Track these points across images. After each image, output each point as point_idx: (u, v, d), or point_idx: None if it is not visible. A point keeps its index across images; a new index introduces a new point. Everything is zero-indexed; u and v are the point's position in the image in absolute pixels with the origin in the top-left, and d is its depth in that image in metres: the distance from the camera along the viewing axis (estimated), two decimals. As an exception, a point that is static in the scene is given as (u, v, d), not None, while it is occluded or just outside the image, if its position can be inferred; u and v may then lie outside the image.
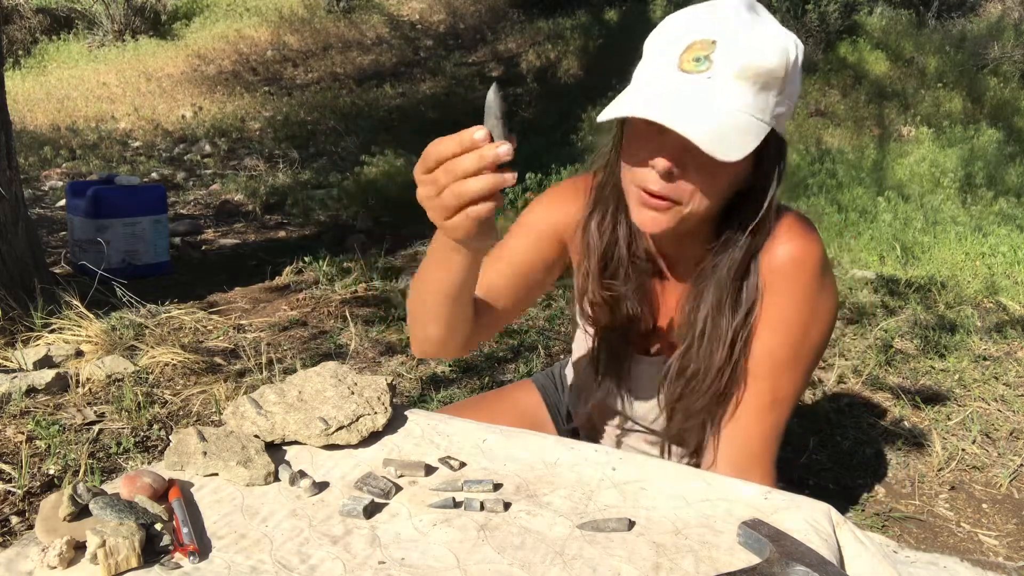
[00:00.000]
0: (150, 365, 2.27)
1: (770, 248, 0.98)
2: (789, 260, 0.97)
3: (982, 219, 4.91)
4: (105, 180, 3.70)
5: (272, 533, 0.73)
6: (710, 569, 0.70)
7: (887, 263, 3.99)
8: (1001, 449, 2.06)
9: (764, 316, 0.99)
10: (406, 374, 2.35)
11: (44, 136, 6.74)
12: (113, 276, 2.90)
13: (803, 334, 1.00)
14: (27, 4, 9.89)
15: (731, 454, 1.02)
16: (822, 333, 1.02)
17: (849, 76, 7.54)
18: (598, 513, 0.79)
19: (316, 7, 10.17)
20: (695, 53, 0.86)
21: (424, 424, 0.97)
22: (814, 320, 1.00)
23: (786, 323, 0.99)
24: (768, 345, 1.00)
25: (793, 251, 0.98)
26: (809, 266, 0.98)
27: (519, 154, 0.72)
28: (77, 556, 0.67)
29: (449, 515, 0.77)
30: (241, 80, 8.52)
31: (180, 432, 0.87)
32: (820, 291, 0.99)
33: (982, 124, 6.82)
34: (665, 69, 0.88)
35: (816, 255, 0.99)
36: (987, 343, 2.85)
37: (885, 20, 8.47)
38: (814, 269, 0.98)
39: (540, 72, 8.41)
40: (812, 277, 0.98)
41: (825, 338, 1.03)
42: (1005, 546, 1.64)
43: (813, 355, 1.03)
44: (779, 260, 0.98)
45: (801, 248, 0.98)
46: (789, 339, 1.00)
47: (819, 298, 0.99)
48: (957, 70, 7.63)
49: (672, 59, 0.88)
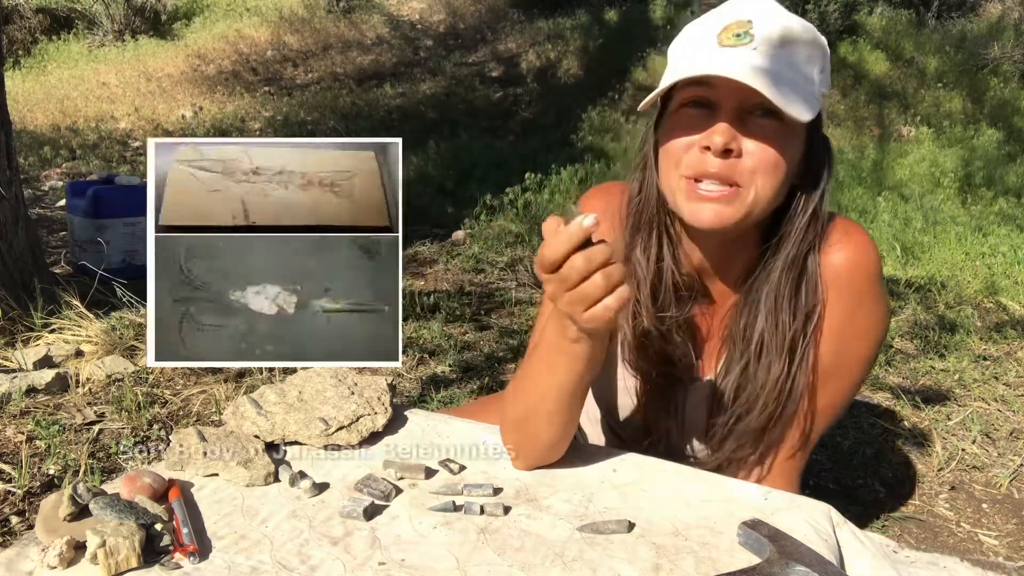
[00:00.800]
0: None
1: (826, 253, 0.93)
2: (846, 267, 0.92)
3: (982, 219, 4.91)
4: (105, 180, 3.71)
5: (272, 534, 0.73)
6: (710, 570, 0.70)
7: (887, 263, 3.99)
8: (1001, 449, 2.06)
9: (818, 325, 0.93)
10: (406, 374, 2.35)
11: (44, 136, 6.73)
12: (113, 276, 2.89)
13: (854, 344, 0.94)
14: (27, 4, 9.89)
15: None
16: (873, 344, 0.96)
17: (849, 76, 7.54)
18: (598, 515, 0.79)
19: (316, 7, 10.17)
20: (734, 31, 0.83)
21: (424, 424, 0.97)
22: (867, 330, 0.94)
23: (835, 332, 0.93)
24: (815, 353, 0.94)
25: (850, 257, 0.92)
26: (866, 273, 0.92)
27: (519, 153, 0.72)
28: (77, 556, 0.67)
29: (449, 518, 0.77)
30: (241, 80, 8.52)
31: (180, 432, 0.87)
32: (876, 300, 0.94)
33: (982, 124, 6.82)
34: (706, 48, 0.84)
35: (874, 262, 0.93)
36: (987, 343, 2.85)
37: (885, 20, 8.47)
38: (871, 277, 0.93)
39: (540, 72, 8.40)
40: (869, 285, 0.93)
41: (875, 350, 0.97)
42: (1005, 546, 1.64)
43: (861, 367, 0.97)
44: (836, 266, 0.92)
45: (859, 254, 0.92)
46: (836, 347, 0.94)
47: (874, 307, 0.94)
48: (957, 70, 7.63)
49: (711, 39, 0.84)
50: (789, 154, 0.84)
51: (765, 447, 0.97)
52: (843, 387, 0.96)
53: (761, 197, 0.84)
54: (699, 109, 0.84)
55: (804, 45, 0.84)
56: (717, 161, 0.82)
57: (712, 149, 0.81)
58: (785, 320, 0.91)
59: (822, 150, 0.90)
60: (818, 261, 0.92)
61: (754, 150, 0.82)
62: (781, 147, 0.83)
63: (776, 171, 0.83)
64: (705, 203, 0.84)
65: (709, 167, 0.82)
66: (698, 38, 0.86)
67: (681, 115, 0.86)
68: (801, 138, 0.86)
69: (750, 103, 0.82)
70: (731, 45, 0.82)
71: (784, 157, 0.83)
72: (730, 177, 0.82)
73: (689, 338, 1.00)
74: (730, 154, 0.82)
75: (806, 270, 0.91)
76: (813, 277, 0.92)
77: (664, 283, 0.97)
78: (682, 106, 0.86)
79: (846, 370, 0.95)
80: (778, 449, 0.97)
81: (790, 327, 0.91)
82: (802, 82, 0.83)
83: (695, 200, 0.85)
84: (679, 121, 0.86)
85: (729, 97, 0.82)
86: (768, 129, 0.82)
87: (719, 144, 0.81)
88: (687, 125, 0.85)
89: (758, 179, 0.83)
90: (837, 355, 0.94)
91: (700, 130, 0.83)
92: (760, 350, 0.93)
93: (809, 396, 0.95)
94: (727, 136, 0.81)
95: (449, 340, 2.59)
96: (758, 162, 0.82)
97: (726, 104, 0.82)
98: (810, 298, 0.92)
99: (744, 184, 0.83)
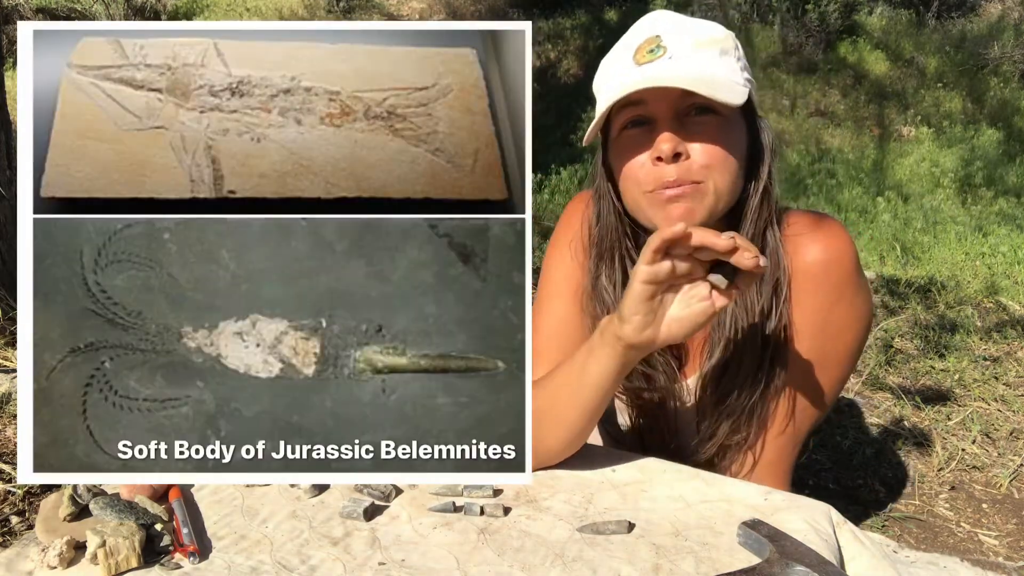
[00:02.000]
0: (150, 365, 2.27)
1: (799, 246, 0.93)
2: (821, 260, 0.92)
3: (982, 219, 4.91)
4: (105, 180, 3.71)
5: (272, 534, 0.73)
6: (710, 570, 0.70)
7: (887, 263, 3.99)
8: (1001, 449, 2.06)
9: (795, 321, 0.94)
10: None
11: (44, 136, 6.75)
12: (113, 276, 2.90)
13: (837, 338, 0.94)
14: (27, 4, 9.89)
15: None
16: (858, 336, 0.96)
17: (849, 76, 7.54)
18: (598, 516, 0.79)
19: (316, 7, 10.18)
20: (646, 48, 0.87)
21: (424, 425, 0.97)
22: (850, 323, 0.94)
23: (817, 327, 0.93)
24: (796, 350, 0.95)
25: (823, 251, 0.92)
26: (843, 266, 0.92)
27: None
28: (77, 556, 0.67)
29: (449, 518, 0.77)
30: (241, 80, 8.54)
31: (180, 433, 0.87)
32: (856, 291, 0.94)
33: (982, 124, 6.82)
34: (625, 70, 0.88)
35: (849, 253, 0.93)
36: (987, 343, 2.85)
37: (885, 20, 8.47)
38: (848, 269, 0.93)
39: (540, 72, 8.40)
40: (847, 277, 0.93)
41: (861, 341, 0.97)
42: (1005, 546, 1.64)
43: (847, 360, 0.97)
44: (810, 261, 0.92)
45: (833, 247, 0.92)
46: (820, 342, 0.94)
47: (855, 299, 0.93)
48: (957, 70, 7.63)
49: (628, 62, 0.88)
50: (734, 142, 0.87)
51: (757, 426, 0.98)
52: (830, 380, 0.97)
53: (721, 188, 0.87)
54: (638, 128, 0.88)
55: (714, 42, 0.87)
56: (671, 168, 0.85)
57: (663, 157, 0.85)
58: (752, 294, 0.93)
59: (761, 131, 0.93)
60: (776, 236, 0.94)
61: (701, 147, 0.85)
62: (724, 138, 0.86)
63: (727, 161, 0.86)
64: (672, 204, 0.86)
65: (666, 176, 0.85)
66: (616, 65, 0.90)
67: (623, 138, 0.90)
68: (741, 125, 0.90)
69: (682, 106, 0.86)
70: (648, 61, 0.86)
71: (730, 146, 0.87)
72: (688, 177, 0.85)
73: (670, 354, 1.01)
74: (680, 157, 0.85)
75: (767, 244, 0.93)
76: (774, 252, 0.93)
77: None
78: (622, 130, 0.90)
79: (832, 363, 0.96)
80: (769, 426, 0.98)
81: (758, 302, 0.93)
82: (723, 73, 0.87)
83: (662, 205, 0.87)
84: (624, 144, 0.90)
85: (662, 107, 0.86)
86: (708, 125, 0.86)
87: (667, 151, 0.84)
88: (632, 145, 0.88)
89: (714, 173, 0.86)
90: (821, 350, 0.95)
91: (646, 146, 0.87)
92: (734, 324, 0.95)
93: (799, 375, 0.96)
94: (672, 142, 0.84)
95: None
96: (708, 156, 0.85)
97: (661, 115, 0.86)
98: (773, 270, 0.93)
99: (702, 179, 0.86)
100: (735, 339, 0.95)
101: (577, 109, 7.10)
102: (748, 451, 0.99)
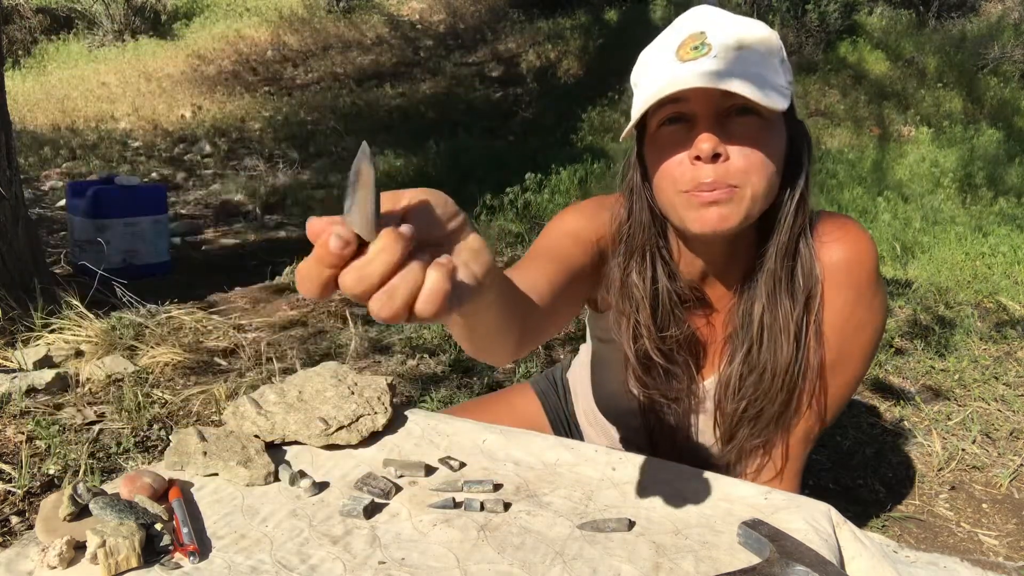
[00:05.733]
0: (150, 365, 2.27)
1: (824, 247, 0.94)
2: (844, 262, 0.93)
3: (982, 219, 4.91)
4: (105, 180, 3.71)
5: (272, 533, 0.73)
6: (710, 569, 0.70)
7: (887, 263, 3.99)
8: (1001, 449, 2.06)
9: (818, 322, 0.94)
10: (406, 374, 2.35)
11: (44, 136, 6.73)
12: (113, 276, 2.89)
13: (855, 337, 0.95)
14: (27, 4, 9.89)
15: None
16: (875, 335, 0.97)
17: (849, 76, 7.54)
18: (598, 513, 0.79)
19: (316, 7, 10.17)
20: (691, 44, 0.85)
21: (424, 424, 0.97)
22: (867, 322, 0.95)
23: (837, 327, 0.94)
24: (819, 351, 0.95)
25: (848, 252, 0.93)
26: (864, 268, 0.93)
27: (519, 153, 0.71)
28: (77, 556, 0.67)
29: (449, 515, 0.77)
30: (241, 80, 8.52)
31: (180, 432, 0.87)
32: (875, 293, 0.95)
33: (982, 124, 6.82)
34: (667, 67, 0.86)
35: (872, 256, 0.94)
36: (987, 343, 2.85)
37: (885, 20, 8.47)
38: (870, 271, 0.94)
39: (540, 72, 8.40)
40: (868, 278, 0.94)
41: (877, 340, 0.98)
42: (1005, 546, 1.64)
43: (864, 359, 0.97)
44: (834, 262, 0.93)
45: (856, 249, 0.93)
46: (838, 341, 0.95)
47: (873, 300, 0.95)
48: (957, 70, 7.63)
49: (670, 57, 0.86)
50: (773, 146, 0.86)
51: (779, 433, 0.98)
52: (847, 379, 0.98)
53: (758, 192, 0.85)
54: (677, 124, 0.86)
55: (759, 42, 0.86)
56: (709, 168, 0.83)
57: (702, 157, 0.82)
58: (786, 304, 0.92)
59: (800, 137, 0.92)
60: (810, 245, 0.93)
61: (741, 149, 0.83)
62: (765, 141, 0.84)
63: (766, 165, 0.85)
64: (707, 208, 0.84)
65: (704, 176, 0.83)
66: (658, 59, 0.88)
67: (662, 135, 0.88)
68: (781, 129, 0.88)
69: (724, 106, 0.84)
70: (692, 59, 0.84)
71: (770, 150, 0.85)
72: (725, 180, 0.83)
73: (691, 353, 1.00)
74: (719, 158, 0.83)
75: (799, 254, 0.93)
76: (808, 261, 0.93)
77: (661, 303, 0.97)
78: (660, 127, 0.88)
79: (849, 362, 0.97)
80: (792, 434, 0.98)
81: (792, 310, 0.92)
82: (767, 75, 0.85)
83: (697, 208, 0.85)
84: (662, 141, 0.88)
85: (703, 106, 0.84)
86: (749, 127, 0.84)
87: (707, 150, 0.82)
88: (671, 143, 0.86)
89: (752, 176, 0.84)
90: (839, 348, 0.96)
91: (685, 144, 0.85)
92: (762, 333, 0.93)
93: (819, 378, 0.96)
94: (712, 142, 0.82)
95: (449, 340, 2.59)
96: (747, 159, 0.83)
97: (702, 113, 0.84)
98: (807, 280, 0.93)
99: (740, 183, 0.84)
100: (764, 346, 0.94)
101: (577, 109, 7.10)
102: (766, 454, 0.99)
